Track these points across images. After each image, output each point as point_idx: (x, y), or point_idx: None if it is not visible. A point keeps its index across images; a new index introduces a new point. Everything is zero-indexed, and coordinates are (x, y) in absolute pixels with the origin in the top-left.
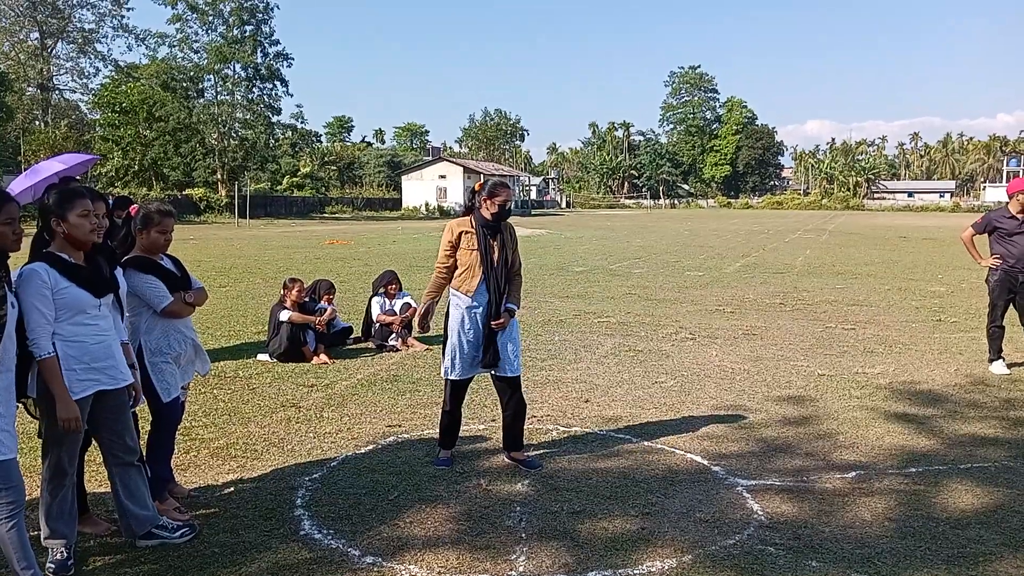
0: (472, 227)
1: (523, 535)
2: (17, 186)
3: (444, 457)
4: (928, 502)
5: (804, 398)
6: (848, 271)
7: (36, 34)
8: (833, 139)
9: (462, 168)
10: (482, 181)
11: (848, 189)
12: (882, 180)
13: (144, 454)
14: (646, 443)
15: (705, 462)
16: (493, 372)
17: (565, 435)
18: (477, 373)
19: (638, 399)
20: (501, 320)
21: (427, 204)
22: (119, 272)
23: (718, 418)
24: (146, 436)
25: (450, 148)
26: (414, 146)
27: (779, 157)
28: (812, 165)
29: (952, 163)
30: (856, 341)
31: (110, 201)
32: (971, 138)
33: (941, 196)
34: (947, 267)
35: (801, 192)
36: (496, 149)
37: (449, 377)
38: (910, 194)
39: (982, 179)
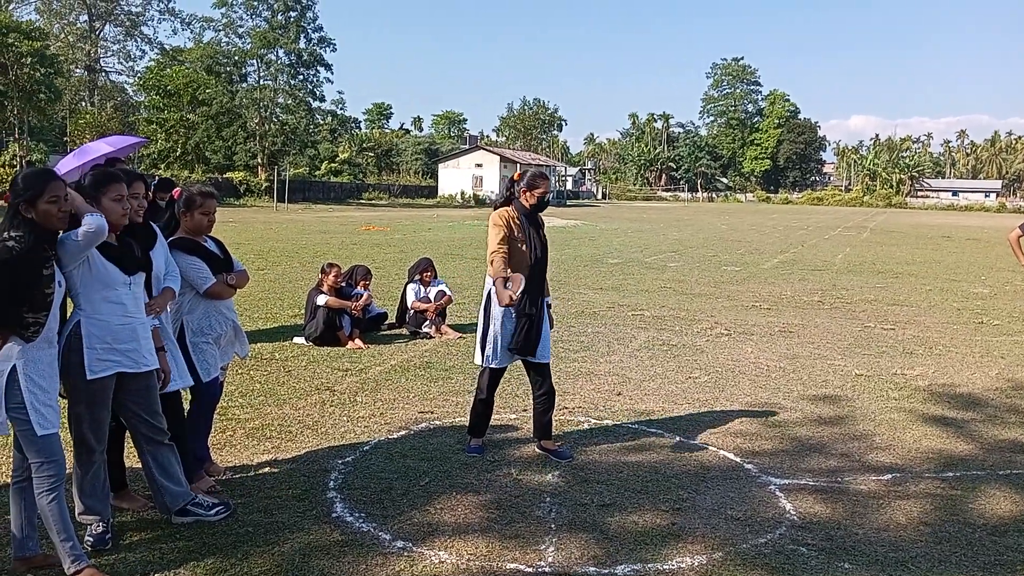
0: (518, 217)
1: (553, 526)
2: (65, 165)
3: (476, 445)
4: (965, 507)
5: (840, 398)
6: (889, 270)
7: (85, 16)
8: (877, 135)
9: (499, 157)
10: (520, 171)
11: (891, 186)
12: (926, 178)
13: (177, 433)
14: (678, 438)
15: (738, 459)
16: (529, 359)
17: (597, 427)
18: (514, 361)
19: (671, 394)
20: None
21: (463, 192)
22: (161, 253)
23: (752, 415)
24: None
25: (487, 137)
26: (451, 134)
27: (821, 152)
28: (855, 161)
29: (999, 162)
30: (895, 341)
31: (149, 182)
32: (1020, 137)
33: (987, 196)
34: (991, 268)
35: (842, 188)
36: (533, 139)
37: (490, 365)
38: (955, 193)
39: None
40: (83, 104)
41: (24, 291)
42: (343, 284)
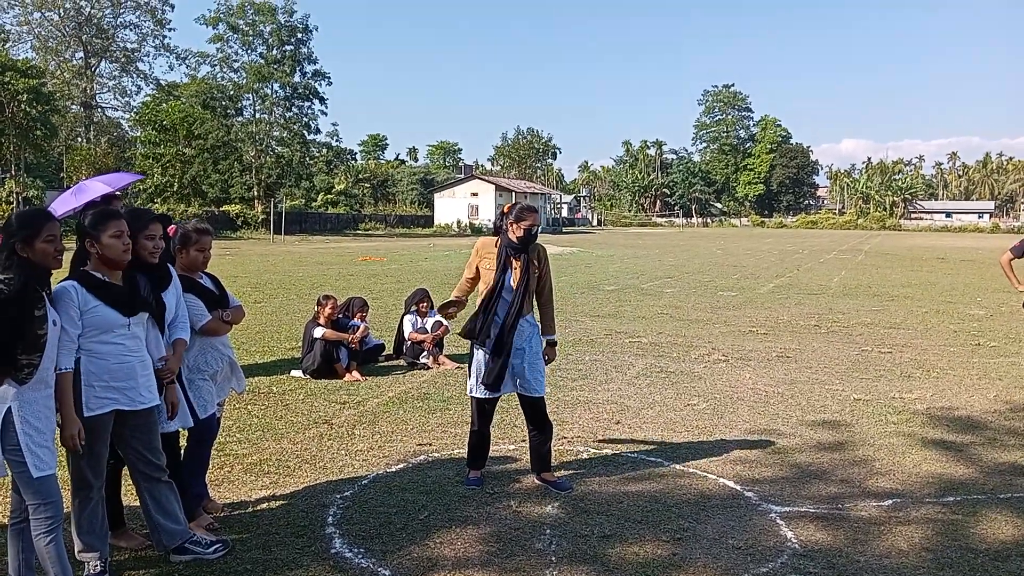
0: (495, 248)
1: (553, 558)
2: (64, 203)
3: (474, 477)
4: (967, 532)
5: (839, 423)
6: (884, 293)
7: (81, 53)
8: (869, 158)
9: (494, 186)
10: (511, 203)
11: (884, 209)
12: (919, 200)
13: (174, 471)
14: (678, 466)
15: (738, 487)
16: (519, 392)
17: (596, 457)
18: (503, 393)
19: (670, 421)
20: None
21: (459, 221)
22: (173, 295)
23: (751, 442)
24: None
25: (482, 166)
26: (447, 164)
27: (814, 176)
28: (847, 184)
29: (991, 183)
30: (893, 365)
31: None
32: (1011, 158)
33: (980, 217)
34: (986, 290)
35: (836, 212)
36: (528, 167)
37: (474, 395)
38: (948, 214)
39: (1022, 199)
40: (79, 140)
41: (16, 332)
42: (340, 316)
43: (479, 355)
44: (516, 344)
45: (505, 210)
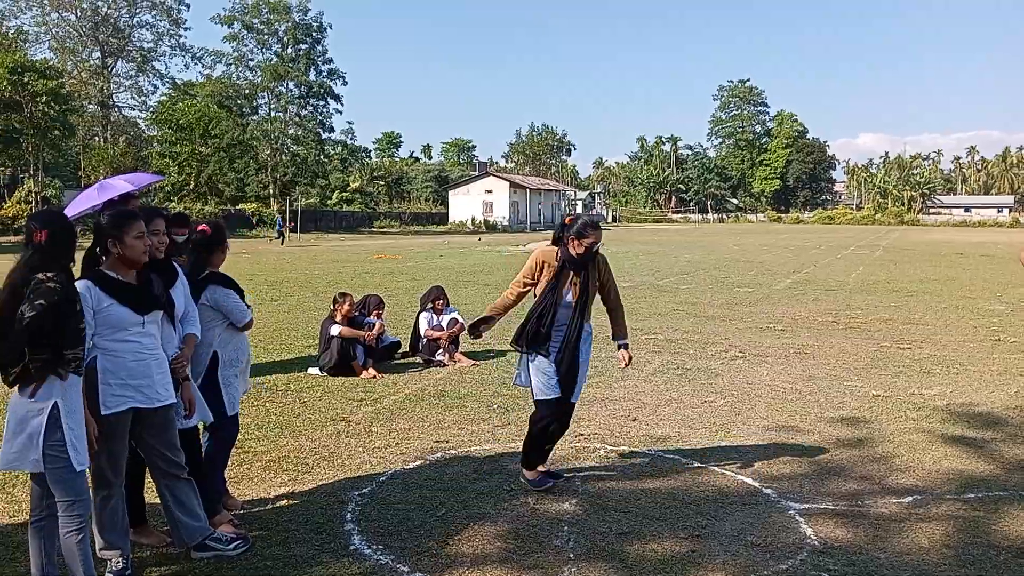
0: (555, 261)
1: (571, 555)
2: (87, 199)
3: (543, 476)
4: (988, 529)
5: (858, 419)
6: (903, 288)
7: (98, 53)
8: (887, 153)
9: (508, 183)
10: (573, 215)
11: (902, 204)
12: (937, 195)
13: (194, 468)
14: (695, 463)
15: (756, 484)
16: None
17: (613, 454)
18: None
19: (687, 418)
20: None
21: (473, 219)
22: (181, 292)
23: (769, 439)
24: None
25: (496, 163)
26: (461, 161)
27: (831, 171)
28: (865, 179)
29: (1011, 177)
30: (912, 361)
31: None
32: None
33: (999, 211)
34: (1006, 285)
35: (854, 207)
36: (542, 164)
37: (543, 398)
38: (967, 209)
39: None
40: (96, 139)
41: (65, 328)
42: (356, 314)
43: (541, 362)
44: None
45: (567, 221)
